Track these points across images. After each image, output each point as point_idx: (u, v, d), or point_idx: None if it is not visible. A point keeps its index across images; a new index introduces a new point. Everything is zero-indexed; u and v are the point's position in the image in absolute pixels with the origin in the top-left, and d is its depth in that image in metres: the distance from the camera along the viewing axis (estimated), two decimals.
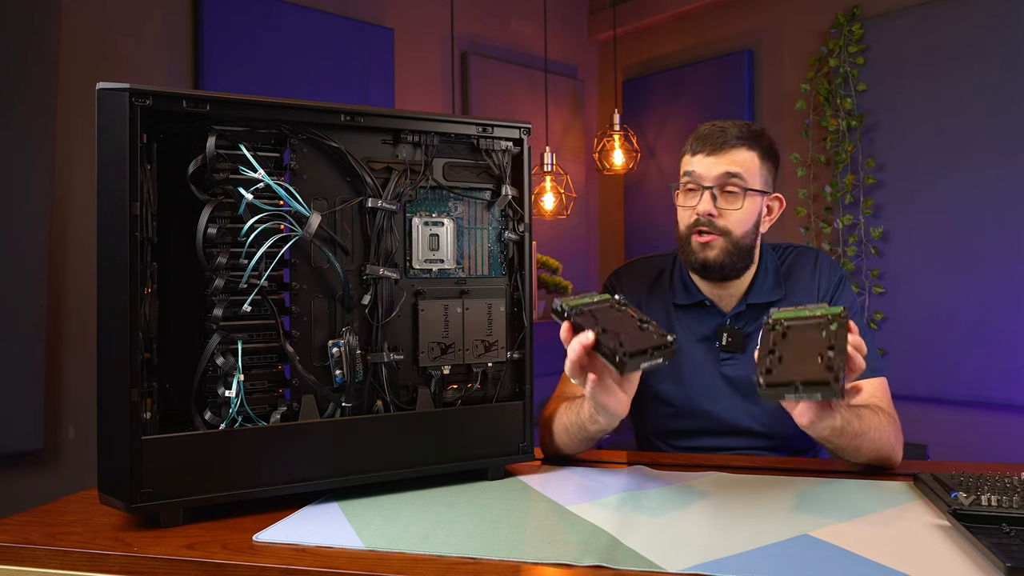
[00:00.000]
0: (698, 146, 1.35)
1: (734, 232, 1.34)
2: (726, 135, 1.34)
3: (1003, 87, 2.75)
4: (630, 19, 4.01)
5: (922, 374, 2.93)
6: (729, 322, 1.40)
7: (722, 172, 1.32)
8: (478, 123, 1.14)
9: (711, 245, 1.34)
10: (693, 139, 1.38)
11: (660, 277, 1.49)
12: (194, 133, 0.99)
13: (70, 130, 2.33)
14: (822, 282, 1.40)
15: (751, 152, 1.34)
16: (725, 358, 1.39)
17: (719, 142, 1.33)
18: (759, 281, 1.41)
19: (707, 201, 1.33)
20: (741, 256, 1.35)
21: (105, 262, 0.91)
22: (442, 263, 1.14)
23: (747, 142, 1.34)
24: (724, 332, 1.39)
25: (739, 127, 1.35)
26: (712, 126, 1.36)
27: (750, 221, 1.35)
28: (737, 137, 1.34)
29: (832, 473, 1.18)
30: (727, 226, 1.34)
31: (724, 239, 1.34)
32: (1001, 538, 0.81)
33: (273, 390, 1.04)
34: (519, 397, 1.17)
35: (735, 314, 1.41)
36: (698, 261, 1.35)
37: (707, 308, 1.42)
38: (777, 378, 0.88)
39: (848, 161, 3.12)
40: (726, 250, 1.34)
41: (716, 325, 1.41)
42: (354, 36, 3.11)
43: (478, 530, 0.91)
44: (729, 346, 1.38)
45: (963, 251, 2.85)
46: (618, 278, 1.52)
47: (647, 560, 0.81)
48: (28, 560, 0.88)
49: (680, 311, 1.44)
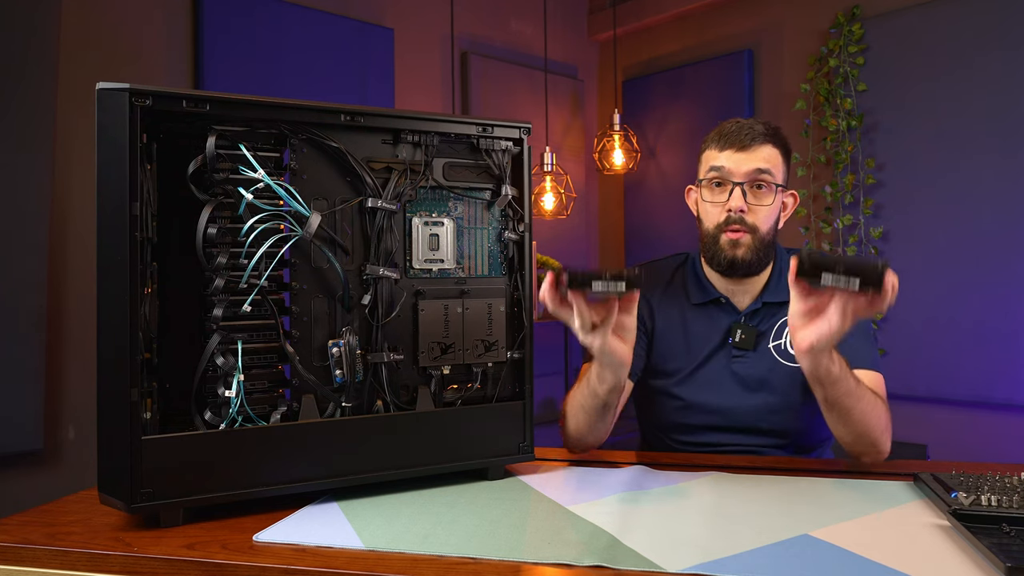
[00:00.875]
0: (725, 142, 1.36)
1: (761, 228, 1.36)
2: (754, 132, 1.35)
3: (1003, 87, 2.75)
4: (630, 19, 4.01)
5: (922, 374, 2.93)
6: (744, 319, 1.41)
7: (753, 168, 1.34)
8: (478, 123, 1.14)
9: (740, 243, 1.35)
10: (718, 135, 1.38)
11: (673, 279, 1.49)
12: (194, 133, 0.99)
13: (70, 130, 2.33)
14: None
15: (775, 149, 1.36)
16: (737, 355, 1.40)
17: (748, 139, 1.34)
18: (774, 279, 1.42)
19: (738, 197, 1.34)
20: (766, 252, 1.38)
21: (105, 262, 0.91)
22: (442, 263, 1.14)
23: (772, 139, 1.36)
24: (738, 329, 1.39)
25: (763, 124, 1.37)
26: (738, 123, 1.37)
27: (774, 217, 1.38)
28: (763, 134, 1.35)
29: (832, 473, 1.18)
30: (756, 222, 1.35)
31: (752, 236, 1.35)
32: (1001, 538, 0.81)
33: (273, 390, 1.04)
34: (519, 397, 1.17)
35: (750, 312, 1.41)
36: (727, 259, 1.36)
37: (722, 305, 1.43)
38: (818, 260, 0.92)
39: (848, 161, 3.12)
40: (753, 247, 1.36)
41: (730, 322, 1.41)
42: (354, 36, 3.11)
43: (478, 530, 0.91)
44: (742, 343, 1.39)
45: (963, 251, 2.85)
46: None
47: (647, 560, 0.81)
48: (28, 560, 0.88)
49: (695, 310, 1.45)
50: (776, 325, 1.40)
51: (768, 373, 1.38)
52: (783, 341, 1.39)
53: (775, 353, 1.39)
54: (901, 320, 3.00)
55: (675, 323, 1.44)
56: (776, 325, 1.40)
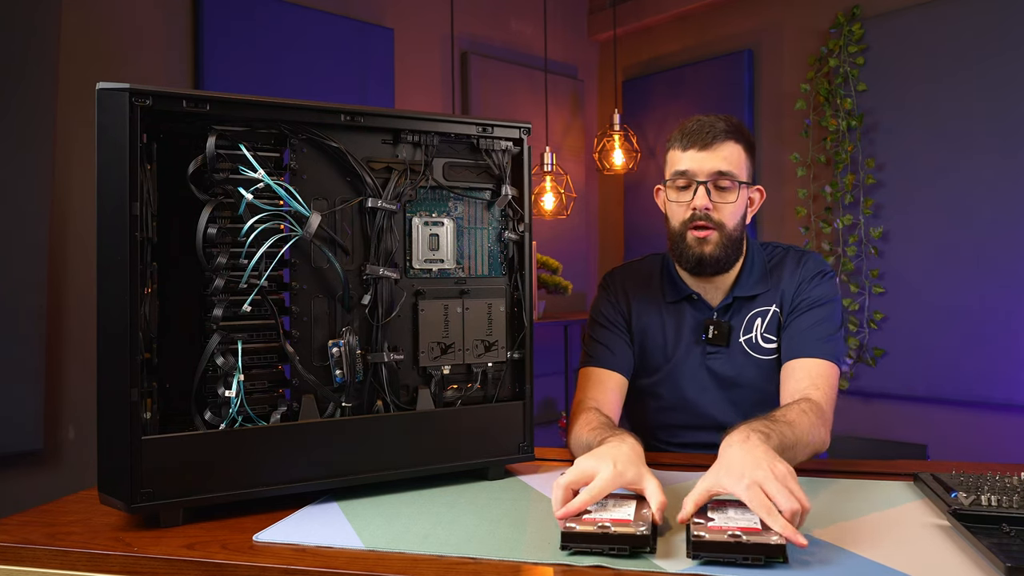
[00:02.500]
0: (688, 142, 1.36)
1: (727, 224, 1.36)
2: (716, 130, 1.35)
3: (1003, 87, 2.75)
4: (630, 19, 4.01)
5: (922, 374, 2.93)
6: (716, 315, 1.42)
7: (715, 166, 1.34)
8: (478, 123, 1.14)
9: (707, 240, 1.35)
10: (680, 135, 1.39)
11: (651, 279, 1.50)
12: (194, 133, 0.99)
13: (70, 130, 2.33)
14: (804, 273, 1.40)
15: (738, 145, 1.36)
16: (711, 352, 1.41)
17: (709, 137, 1.34)
18: (745, 274, 1.42)
19: (703, 195, 1.34)
20: (733, 248, 1.38)
21: (105, 262, 0.91)
22: (442, 263, 1.14)
23: (734, 136, 1.36)
24: (711, 325, 1.40)
25: (725, 121, 1.37)
26: (698, 121, 1.37)
27: (740, 213, 1.38)
28: (725, 131, 1.35)
29: (832, 473, 1.18)
30: (721, 219, 1.35)
31: (718, 232, 1.35)
32: (1001, 538, 0.81)
33: (273, 390, 1.04)
34: (519, 397, 1.17)
35: (722, 307, 1.42)
36: (694, 256, 1.37)
37: (694, 302, 1.44)
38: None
39: (848, 161, 3.12)
40: (720, 243, 1.36)
41: (703, 319, 1.42)
42: (354, 36, 3.11)
43: (478, 530, 0.91)
44: (715, 339, 1.39)
45: (963, 251, 2.84)
46: (612, 278, 1.53)
47: (647, 560, 0.81)
48: (28, 560, 0.88)
49: (670, 308, 1.45)
50: (745, 319, 1.41)
51: (741, 368, 1.39)
52: (753, 335, 1.40)
53: (746, 347, 1.39)
54: (901, 320, 3.00)
55: (654, 322, 1.45)
56: (745, 319, 1.41)
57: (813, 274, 1.40)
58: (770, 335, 1.39)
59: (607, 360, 1.41)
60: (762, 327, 1.40)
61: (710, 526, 0.83)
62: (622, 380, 1.41)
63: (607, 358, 1.41)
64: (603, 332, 1.44)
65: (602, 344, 1.43)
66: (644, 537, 0.82)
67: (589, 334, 1.47)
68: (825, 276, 1.40)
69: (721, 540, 0.80)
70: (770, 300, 1.41)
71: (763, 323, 1.40)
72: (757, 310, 1.40)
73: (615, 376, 1.40)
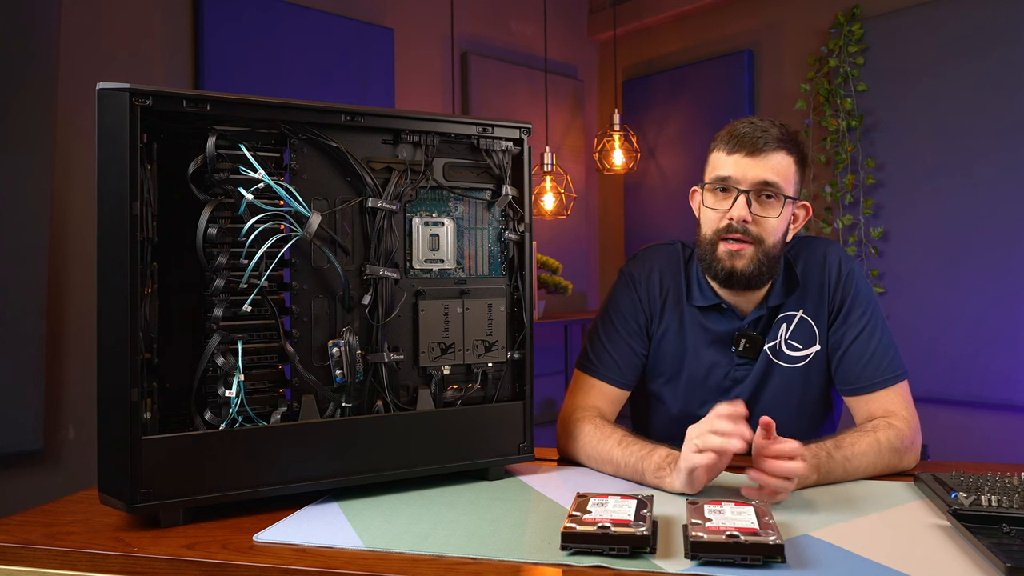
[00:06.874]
0: (736, 145, 1.23)
1: (766, 241, 1.24)
2: (767, 136, 1.22)
3: (1003, 87, 2.75)
4: (630, 19, 4.01)
5: (922, 374, 2.93)
6: (748, 326, 1.31)
7: (761, 176, 1.22)
8: (478, 123, 1.14)
9: (741, 254, 1.23)
10: (729, 136, 1.25)
11: (678, 275, 1.37)
12: (194, 133, 0.99)
13: (70, 130, 2.33)
14: (830, 274, 1.31)
15: (789, 157, 1.24)
16: (740, 363, 1.32)
17: (760, 143, 1.22)
18: (777, 284, 1.31)
19: (742, 206, 1.22)
20: (769, 265, 1.25)
21: (105, 262, 0.91)
22: (442, 263, 1.14)
23: (787, 145, 1.24)
24: (742, 338, 1.30)
25: (779, 128, 1.25)
26: (752, 124, 1.25)
27: (782, 229, 1.26)
28: (778, 139, 1.23)
29: None
30: (760, 234, 1.23)
31: (755, 247, 1.23)
32: (1001, 538, 0.81)
33: (273, 390, 1.04)
34: (519, 397, 1.17)
35: (754, 319, 1.31)
36: (724, 270, 1.25)
37: (724, 311, 1.32)
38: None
39: (848, 161, 3.12)
40: (756, 259, 1.23)
41: (733, 329, 1.32)
42: (354, 36, 3.11)
43: (478, 530, 0.91)
44: (746, 352, 1.30)
45: (963, 251, 2.85)
46: (639, 269, 1.39)
47: (647, 560, 0.81)
48: (28, 560, 0.88)
49: (695, 312, 1.34)
50: (771, 326, 1.32)
51: (766, 377, 1.31)
52: (778, 341, 1.31)
53: (770, 354, 1.31)
54: (901, 320, 3.00)
55: (674, 324, 1.35)
56: (771, 326, 1.32)
57: (842, 274, 1.31)
58: (795, 342, 1.30)
59: (612, 375, 1.33)
60: (787, 333, 1.31)
61: (708, 526, 0.83)
62: (623, 396, 1.34)
63: (612, 372, 1.33)
64: (615, 336, 1.34)
65: (610, 354, 1.33)
66: (644, 537, 0.82)
67: (599, 331, 1.36)
68: (852, 273, 1.31)
69: (719, 540, 0.80)
70: (796, 304, 1.31)
71: (788, 329, 1.31)
72: (783, 315, 1.31)
73: (616, 391, 1.33)
